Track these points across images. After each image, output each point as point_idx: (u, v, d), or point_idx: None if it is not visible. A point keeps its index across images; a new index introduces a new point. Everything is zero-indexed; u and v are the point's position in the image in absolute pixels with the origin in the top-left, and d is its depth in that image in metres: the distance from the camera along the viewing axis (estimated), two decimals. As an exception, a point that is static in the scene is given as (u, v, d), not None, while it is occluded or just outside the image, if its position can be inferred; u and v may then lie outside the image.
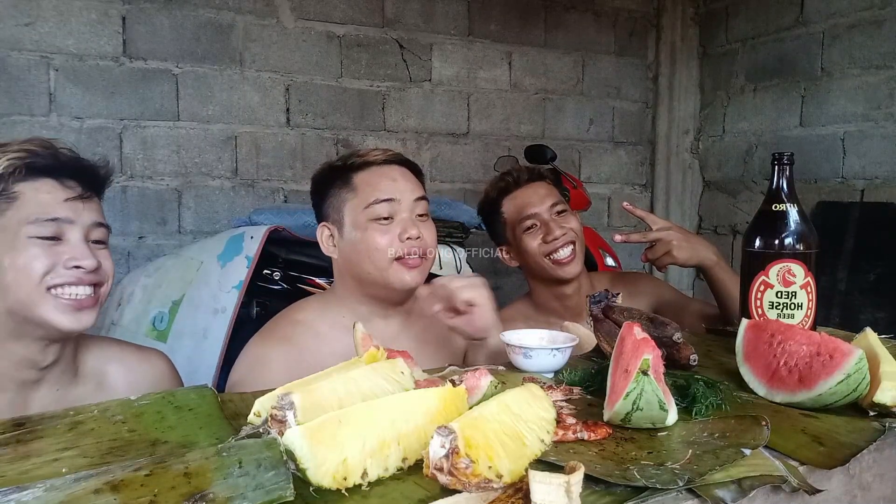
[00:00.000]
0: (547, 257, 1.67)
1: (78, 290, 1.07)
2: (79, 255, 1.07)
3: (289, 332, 1.35)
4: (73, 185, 1.09)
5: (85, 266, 1.07)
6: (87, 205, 1.10)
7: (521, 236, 1.70)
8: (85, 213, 1.10)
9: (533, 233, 1.68)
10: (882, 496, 0.82)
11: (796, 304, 1.15)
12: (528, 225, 1.69)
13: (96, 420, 0.81)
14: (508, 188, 1.75)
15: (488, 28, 3.14)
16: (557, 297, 1.75)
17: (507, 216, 1.73)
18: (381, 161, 1.36)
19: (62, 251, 1.06)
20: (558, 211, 1.71)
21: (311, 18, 2.77)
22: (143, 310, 2.09)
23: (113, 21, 2.45)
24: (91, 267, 1.08)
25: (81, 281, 1.07)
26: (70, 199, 1.08)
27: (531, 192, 1.73)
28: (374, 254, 1.30)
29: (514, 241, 1.73)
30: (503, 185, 1.77)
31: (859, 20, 2.80)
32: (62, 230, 1.07)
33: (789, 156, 1.20)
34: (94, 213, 1.12)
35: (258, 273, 2.03)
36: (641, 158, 3.62)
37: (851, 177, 2.86)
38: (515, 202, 1.73)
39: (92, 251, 1.09)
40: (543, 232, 1.67)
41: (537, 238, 1.67)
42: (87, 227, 1.10)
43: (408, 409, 0.71)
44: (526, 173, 1.77)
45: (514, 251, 1.75)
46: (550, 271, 1.68)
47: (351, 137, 2.87)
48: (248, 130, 2.69)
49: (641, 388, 0.78)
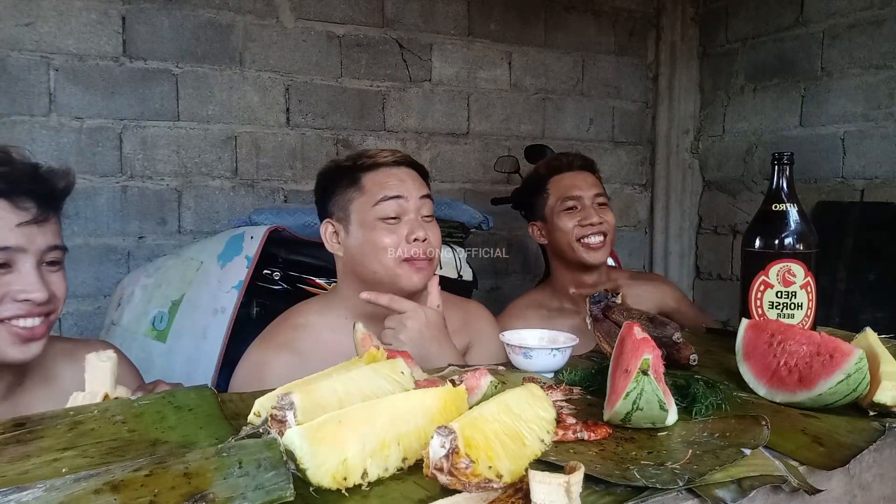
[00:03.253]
0: (579, 240, 1.74)
1: (27, 322, 1.02)
2: (29, 288, 1.01)
3: (289, 336, 1.35)
4: (28, 206, 1.02)
5: (35, 299, 1.01)
6: (42, 228, 1.03)
7: (560, 213, 1.77)
8: (39, 237, 1.03)
9: (572, 214, 1.76)
10: (882, 496, 0.82)
11: (796, 304, 1.15)
12: (569, 205, 1.77)
13: (96, 420, 0.81)
14: (560, 168, 1.84)
15: (488, 28, 3.14)
16: (576, 283, 1.80)
17: (551, 194, 1.81)
18: (391, 162, 1.37)
19: (11, 281, 1.00)
20: (600, 203, 1.79)
21: (311, 18, 2.77)
22: (142, 310, 2.09)
23: (113, 21, 2.45)
24: (42, 299, 1.02)
25: (31, 313, 1.02)
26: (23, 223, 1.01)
27: (581, 177, 1.81)
28: (380, 253, 1.30)
29: (550, 217, 1.80)
30: (556, 164, 1.86)
31: (859, 20, 2.80)
32: (12, 259, 1.00)
33: (789, 156, 1.20)
34: (50, 235, 1.05)
35: (258, 273, 2.03)
36: (641, 158, 3.62)
37: (851, 177, 2.86)
38: (563, 182, 1.81)
39: (44, 279, 1.03)
40: (582, 216, 1.75)
41: (574, 219, 1.75)
42: (40, 253, 1.03)
43: (408, 409, 0.71)
44: (579, 160, 1.86)
45: (546, 228, 1.82)
46: (578, 253, 1.75)
47: (351, 137, 2.87)
48: (248, 130, 2.69)
49: (641, 388, 0.78)
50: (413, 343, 1.21)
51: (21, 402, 1.10)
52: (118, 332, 2.08)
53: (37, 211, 1.03)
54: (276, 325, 1.40)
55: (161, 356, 1.99)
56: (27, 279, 1.01)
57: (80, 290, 2.43)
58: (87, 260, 2.43)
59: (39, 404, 1.04)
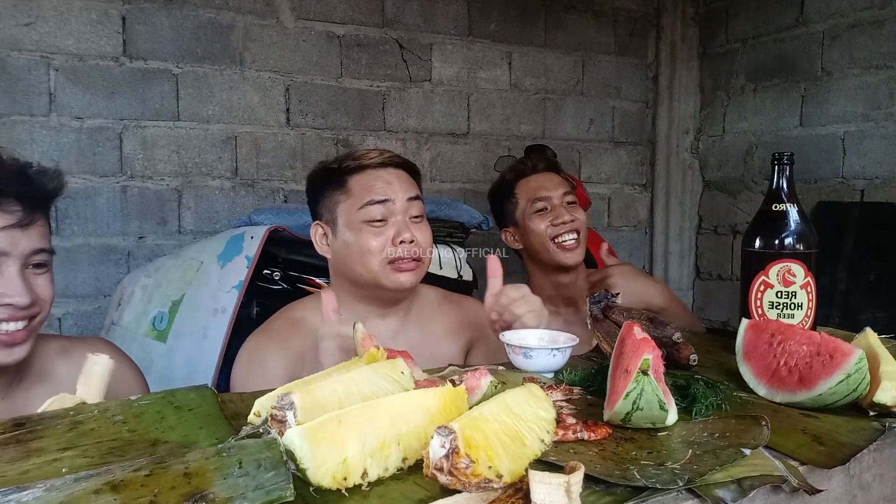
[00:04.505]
0: (552, 240, 1.74)
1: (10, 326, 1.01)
2: (11, 292, 1.00)
3: (286, 328, 1.36)
4: (13, 209, 1.00)
5: (16, 303, 1.01)
6: (26, 232, 1.02)
7: (531, 216, 1.78)
8: (23, 241, 1.01)
9: (542, 215, 1.76)
10: (882, 496, 0.82)
11: (796, 304, 1.15)
12: (539, 207, 1.77)
13: (96, 420, 0.81)
14: (525, 172, 1.84)
15: (488, 28, 3.14)
16: (554, 284, 1.80)
17: (520, 198, 1.81)
18: (377, 164, 1.36)
19: None
20: (569, 201, 1.79)
21: (311, 18, 2.77)
22: (142, 310, 2.09)
23: (113, 21, 2.45)
24: (23, 304, 1.01)
25: (13, 317, 1.01)
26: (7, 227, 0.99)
27: (546, 178, 1.82)
28: (366, 256, 1.30)
29: (522, 222, 1.80)
30: (521, 168, 1.86)
31: (859, 20, 2.80)
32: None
33: (789, 156, 1.20)
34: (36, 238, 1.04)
35: (258, 273, 2.03)
36: (641, 158, 3.62)
37: (851, 177, 2.86)
38: (530, 185, 1.81)
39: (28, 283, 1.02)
40: (552, 216, 1.75)
41: (546, 220, 1.75)
42: (24, 257, 1.02)
43: (408, 409, 0.71)
44: (543, 162, 1.87)
45: (519, 233, 1.82)
46: (553, 255, 1.75)
47: (351, 137, 2.87)
48: (248, 130, 2.69)
49: (641, 388, 0.78)
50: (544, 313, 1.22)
51: (18, 400, 1.10)
52: (118, 332, 2.07)
53: (22, 214, 1.02)
54: (274, 318, 1.43)
55: (161, 356, 1.99)
56: (10, 284, 1.01)
57: (80, 290, 2.43)
58: (87, 260, 2.43)
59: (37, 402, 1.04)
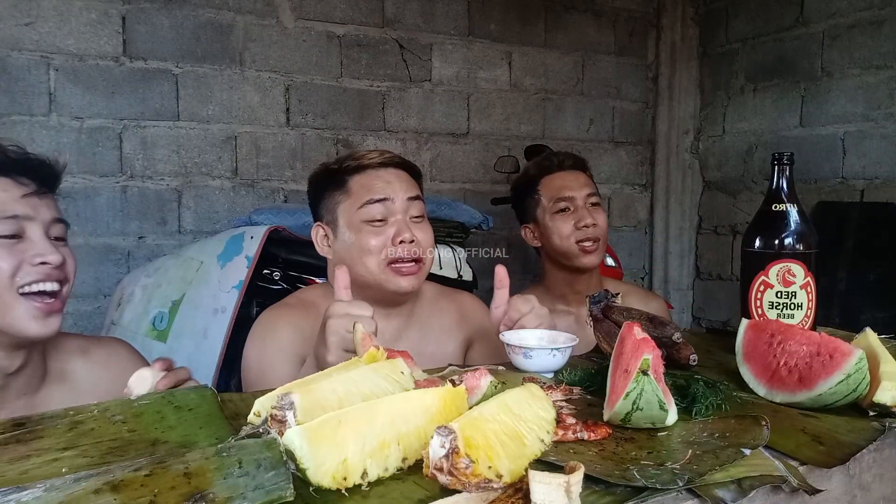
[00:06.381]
0: (577, 242, 1.71)
1: (46, 286, 1.05)
2: (43, 251, 1.05)
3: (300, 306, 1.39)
4: (27, 182, 1.07)
5: (51, 261, 1.05)
6: (43, 200, 1.08)
7: (554, 216, 1.74)
8: (43, 209, 1.07)
9: (565, 216, 1.72)
10: (882, 496, 0.82)
11: (796, 304, 1.15)
12: (562, 206, 1.73)
13: (96, 420, 0.81)
14: (550, 168, 1.79)
15: (488, 28, 3.14)
16: (570, 283, 1.78)
17: (543, 195, 1.76)
18: (377, 164, 1.36)
19: (26, 248, 1.04)
20: (593, 203, 1.76)
21: (311, 18, 2.77)
22: (142, 310, 2.09)
23: (113, 21, 2.45)
24: (57, 262, 1.06)
25: (49, 277, 1.05)
26: (27, 195, 1.06)
27: (572, 177, 1.77)
28: (366, 256, 1.30)
29: (542, 220, 1.76)
30: (546, 164, 1.81)
31: (859, 20, 2.80)
32: (23, 227, 1.05)
33: (789, 156, 1.20)
34: (52, 209, 1.10)
35: (258, 273, 2.03)
36: (641, 158, 3.62)
37: (851, 177, 2.86)
38: (554, 182, 1.76)
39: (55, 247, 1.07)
40: (576, 218, 1.71)
41: (569, 222, 1.71)
42: (46, 224, 1.07)
43: (408, 409, 0.71)
44: (570, 159, 1.81)
45: (539, 230, 1.78)
46: (574, 257, 1.72)
47: (351, 137, 2.87)
48: (248, 130, 2.69)
49: (641, 388, 0.78)
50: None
51: (38, 399, 1.11)
52: (118, 332, 2.07)
53: (36, 186, 1.07)
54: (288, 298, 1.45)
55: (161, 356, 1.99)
56: (40, 245, 1.05)
57: (80, 290, 2.43)
58: (87, 260, 2.43)
59: (56, 402, 1.05)
